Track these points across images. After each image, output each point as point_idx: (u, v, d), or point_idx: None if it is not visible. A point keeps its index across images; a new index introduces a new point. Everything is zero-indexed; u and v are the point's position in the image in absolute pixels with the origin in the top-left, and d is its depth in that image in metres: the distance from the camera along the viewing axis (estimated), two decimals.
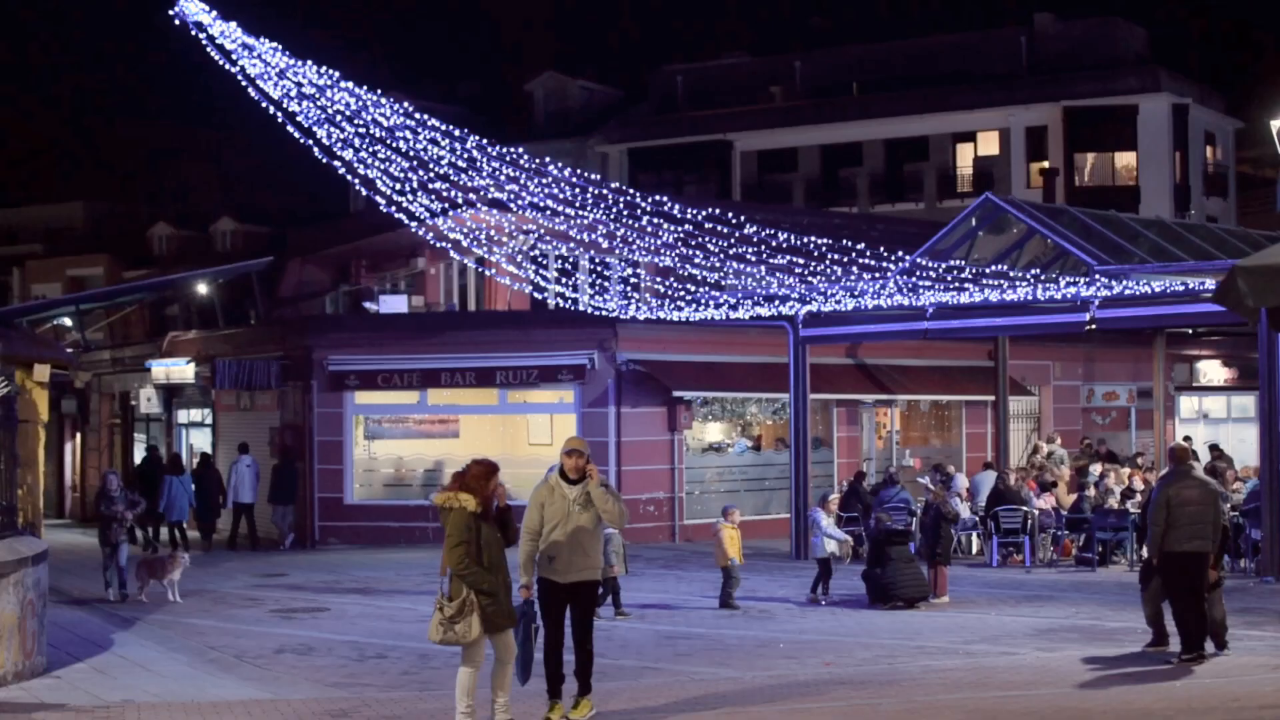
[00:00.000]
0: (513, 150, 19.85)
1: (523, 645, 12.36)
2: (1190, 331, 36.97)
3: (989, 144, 55.24)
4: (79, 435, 44.24)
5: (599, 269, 31.32)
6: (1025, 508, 25.73)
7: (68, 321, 41.90)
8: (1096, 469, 28.35)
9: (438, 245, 24.19)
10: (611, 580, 19.79)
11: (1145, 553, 24.73)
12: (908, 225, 40.98)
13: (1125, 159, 53.75)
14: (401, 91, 27.97)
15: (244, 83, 18.42)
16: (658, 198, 22.53)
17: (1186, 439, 26.89)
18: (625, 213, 22.66)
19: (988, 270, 24.28)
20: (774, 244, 24.03)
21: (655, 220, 23.11)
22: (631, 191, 22.24)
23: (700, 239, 23.67)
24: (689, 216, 23.10)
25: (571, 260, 31.38)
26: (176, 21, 17.38)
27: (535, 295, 28.30)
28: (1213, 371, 41.22)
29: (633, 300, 28.01)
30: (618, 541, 19.99)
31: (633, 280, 30.71)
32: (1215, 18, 75.01)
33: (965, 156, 55.79)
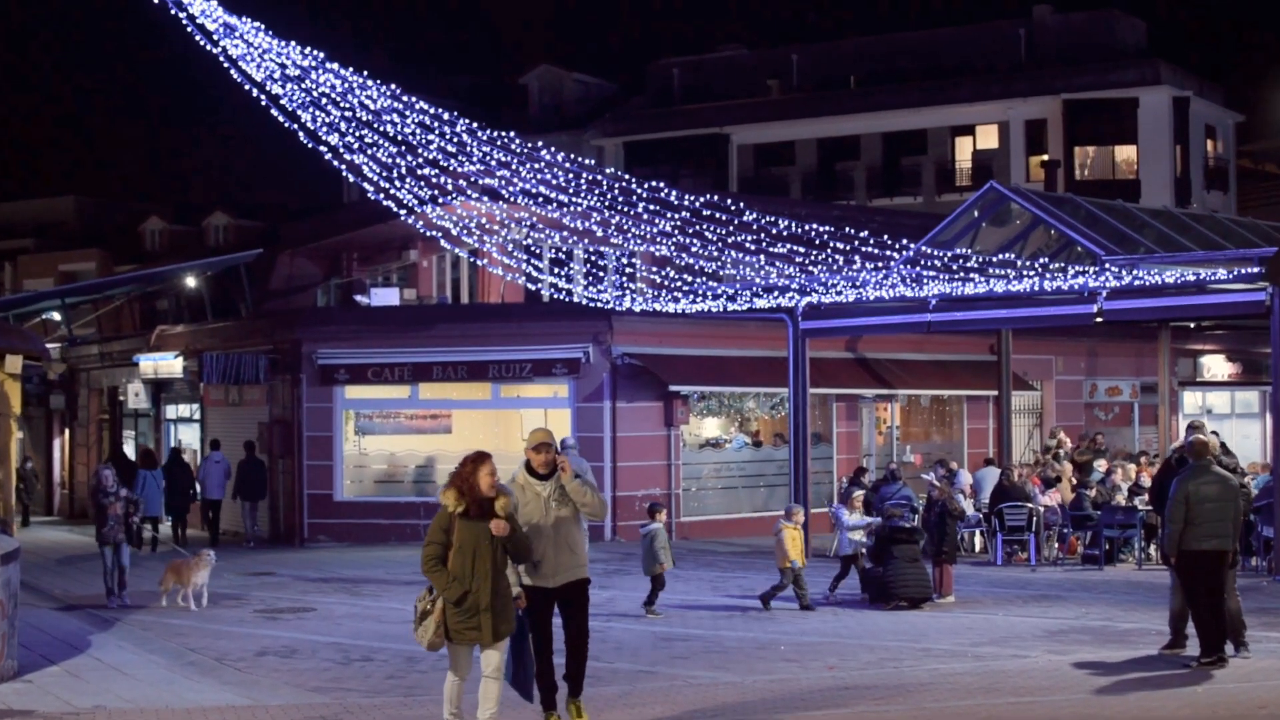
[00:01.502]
0: (504, 135, 19.21)
1: (521, 660, 11.73)
2: (1192, 325, 36.42)
3: (988, 137, 54.81)
4: (67, 431, 43.69)
5: (594, 259, 30.73)
6: (1030, 504, 25.14)
7: (56, 316, 41.43)
8: (1101, 465, 27.77)
9: (428, 235, 23.58)
10: (659, 577, 19.31)
11: (1153, 551, 24.56)
12: (907, 218, 40.40)
13: (1125, 152, 53.34)
14: (395, 83, 27.45)
15: (226, 64, 17.80)
16: (654, 184, 21.88)
17: (1214, 433, 26.24)
18: (621, 201, 22.05)
19: (994, 260, 23.68)
20: (774, 233, 23.40)
21: (651, 208, 22.49)
22: (627, 178, 21.59)
23: (698, 227, 23.05)
24: (686, 204, 22.46)
25: (566, 250, 30.79)
26: (155, 0, 16.73)
27: (529, 287, 27.68)
28: (1216, 366, 40.67)
29: (628, 291, 27.42)
30: (663, 538, 19.47)
31: (628, 271, 30.12)
32: (1214, 11, 74.59)
33: (964, 150, 55.39)
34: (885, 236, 23.26)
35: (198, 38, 17.43)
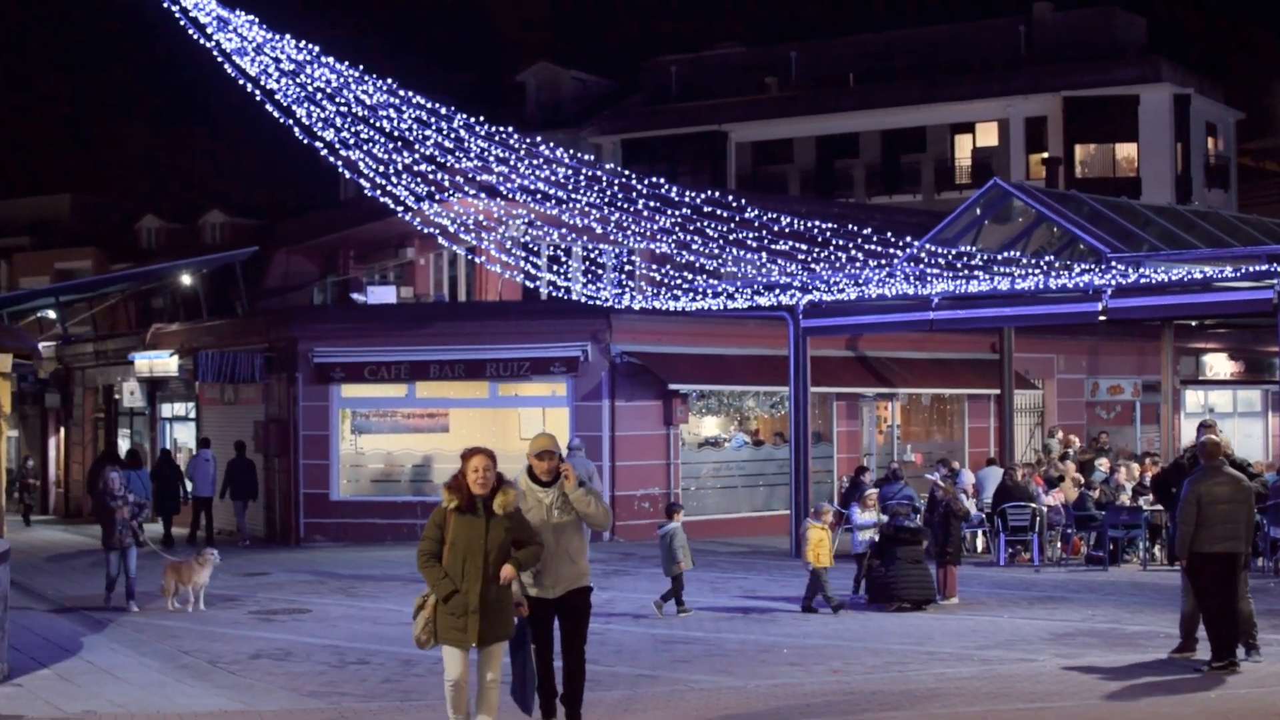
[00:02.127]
0: (502, 130, 18.94)
1: (521, 671, 11.44)
2: (1193, 324, 36.14)
3: (987, 135, 54.51)
4: (63, 430, 43.42)
5: (592, 256, 30.47)
6: (1033, 504, 24.88)
7: (52, 314, 41.20)
8: (1103, 464, 27.52)
9: (426, 232, 23.32)
10: (678, 577, 19.14)
11: (1158, 551, 24.31)
12: (907, 215, 40.15)
13: (1126, 150, 53.05)
14: (391, 80, 27.21)
15: (220, 59, 17.54)
16: (654, 180, 21.61)
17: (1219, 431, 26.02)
18: (620, 197, 21.77)
19: (997, 258, 23.42)
20: (775, 229, 23.12)
21: (651, 205, 22.22)
22: (626, 174, 21.32)
23: (698, 224, 22.78)
24: (686, 201, 22.19)
25: (564, 248, 30.52)
26: None
27: (527, 285, 27.42)
28: (1219, 365, 40.38)
29: (627, 289, 27.16)
30: (682, 537, 19.26)
31: (627, 268, 29.85)
32: (1215, 9, 74.37)
33: (964, 148, 55.09)
34: (889, 234, 23.01)
35: (191, 32, 17.17)
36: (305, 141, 18.80)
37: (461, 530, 10.81)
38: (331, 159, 19.10)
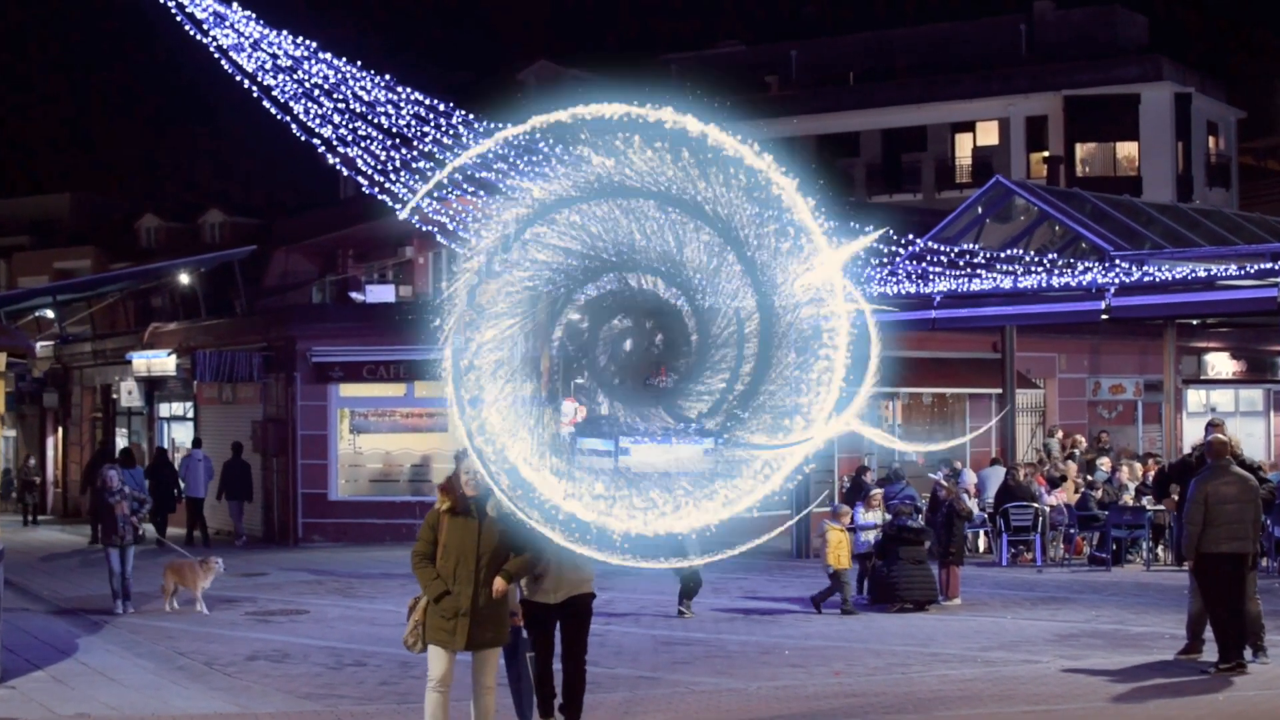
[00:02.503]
0: (501, 127, 18.74)
1: (518, 679, 11.27)
2: (1195, 322, 35.94)
3: (988, 134, 54.31)
4: (60, 429, 43.26)
5: None
6: (1035, 504, 24.72)
7: (50, 313, 41.02)
8: (1104, 464, 27.34)
9: (424, 230, 23.13)
10: (692, 575, 18.92)
11: (1161, 551, 24.17)
12: (907, 214, 39.93)
13: (1126, 149, 52.84)
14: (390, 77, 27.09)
15: (216, 55, 17.39)
16: None
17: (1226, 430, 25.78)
18: None
19: (1000, 256, 23.27)
20: None
21: None
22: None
23: None
24: None
25: None
26: None
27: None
28: (1221, 364, 40.13)
29: None
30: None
31: None
32: (1216, 7, 74.21)
33: (964, 147, 54.89)
34: (890, 232, 22.85)
35: (187, 27, 17.02)
36: (303, 139, 18.64)
37: (454, 533, 10.66)
38: (330, 156, 18.94)
